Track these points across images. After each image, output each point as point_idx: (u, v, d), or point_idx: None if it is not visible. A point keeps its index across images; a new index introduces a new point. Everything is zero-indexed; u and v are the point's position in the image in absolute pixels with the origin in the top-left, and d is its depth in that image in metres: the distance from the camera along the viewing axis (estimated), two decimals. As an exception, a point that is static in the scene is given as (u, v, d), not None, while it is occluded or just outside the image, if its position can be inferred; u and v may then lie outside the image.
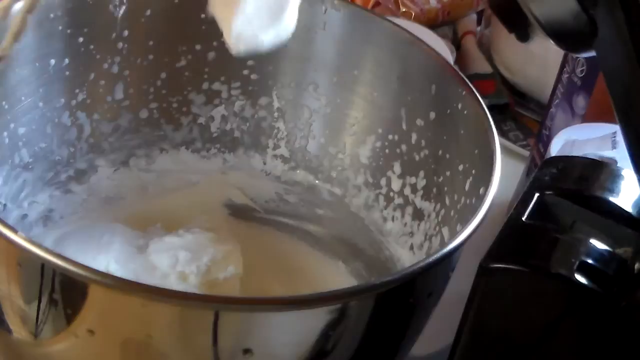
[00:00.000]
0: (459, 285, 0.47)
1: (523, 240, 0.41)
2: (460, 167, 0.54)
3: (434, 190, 0.57)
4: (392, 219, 0.61)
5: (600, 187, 0.43)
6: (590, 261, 0.39)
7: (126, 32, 0.59)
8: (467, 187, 0.53)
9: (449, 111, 0.56)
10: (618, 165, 0.55)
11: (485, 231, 0.45)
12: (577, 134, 0.64)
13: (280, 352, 0.43)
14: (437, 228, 0.56)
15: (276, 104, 0.64)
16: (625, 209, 0.42)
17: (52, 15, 0.55)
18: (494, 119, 0.52)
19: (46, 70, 0.56)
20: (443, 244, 0.48)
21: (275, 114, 0.65)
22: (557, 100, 0.71)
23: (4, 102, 0.54)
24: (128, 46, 0.59)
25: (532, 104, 0.86)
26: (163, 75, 0.62)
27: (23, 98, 0.55)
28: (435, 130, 0.57)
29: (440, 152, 0.57)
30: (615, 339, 0.40)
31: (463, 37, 0.92)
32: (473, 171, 0.53)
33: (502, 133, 0.82)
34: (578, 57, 0.67)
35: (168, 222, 0.63)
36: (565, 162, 0.46)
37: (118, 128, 0.62)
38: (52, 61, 0.56)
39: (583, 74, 0.67)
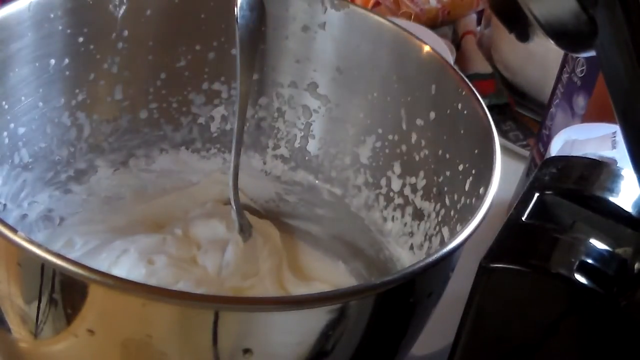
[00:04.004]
0: (459, 285, 0.47)
1: (523, 240, 0.41)
2: (460, 167, 0.54)
3: (434, 190, 0.57)
4: (392, 219, 0.61)
5: (600, 187, 0.43)
6: (590, 261, 0.39)
7: (126, 32, 0.59)
8: (467, 187, 0.53)
9: (449, 111, 0.56)
10: (618, 165, 0.55)
11: (485, 231, 0.45)
12: (577, 134, 0.64)
13: (280, 352, 0.43)
14: (437, 228, 0.56)
15: (276, 104, 0.64)
16: (625, 209, 0.42)
17: (52, 15, 0.55)
18: (494, 119, 0.52)
19: (46, 70, 0.56)
20: (443, 244, 0.48)
21: (275, 114, 0.65)
22: (557, 100, 0.71)
23: (4, 102, 0.54)
24: (128, 46, 0.59)
25: (532, 104, 0.86)
26: (163, 75, 0.62)
27: (23, 98, 0.55)
28: (435, 130, 0.57)
29: (440, 152, 0.57)
30: (615, 339, 0.40)
31: (463, 37, 0.92)
32: (473, 171, 0.53)
33: (502, 133, 0.82)
34: (578, 57, 0.67)
35: (168, 222, 0.63)
36: (565, 162, 0.46)
37: (118, 128, 0.62)
38: (52, 61, 0.56)
39: (583, 74, 0.67)
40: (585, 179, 0.44)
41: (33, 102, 0.56)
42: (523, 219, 0.42)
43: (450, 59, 0.79)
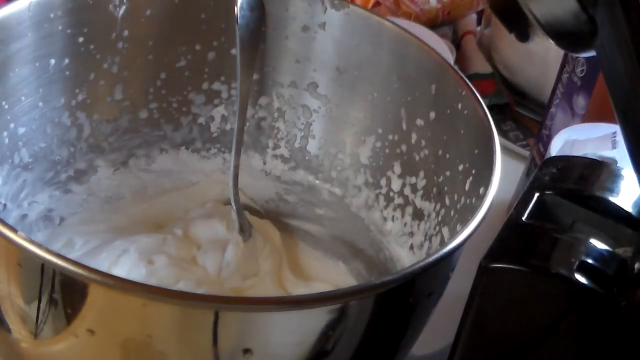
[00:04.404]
0: (459, 285, 0.47)
1: (523, 240, 0.41)
2: (460, 167, 0.54)
3: (434, 190, 0.57)
4: (392, 219, 0.61)
5: (600, 187, 0.43)
6: (590, 261, 0.39)
7: (126, 32, 0.59)
8: (467, 187, 0.53)
9: (449, 111, 0.56)
10: (618, 165, 0.55)
11: (485, 231, 0.45)
12: (577, 134, 0.64)
13: (280, 352, 0.43)
14: (437, 228, 0.56)
15: (276, 104, 0.64)
16: (625, 209, 0.42)
17: (52, 15, 0.55)
18: (494, 119, 0.52)
19: (46, 70, 0.56)
20: (443, 244, 0.48)
21: (275, 114, 0.65)
22: (557, 100, 0.71)
23: (4, 102, 0.54)
24: (128, 46, 0.59)
25: (532, 104, 0.86)
26: (163, 75, 0.62)
27: (23, 98, 0.55)
28: (435, 130, 0.57)
29: (440, 152, 0.57)
30: (615, 339, 0.40)
31: (463, 37, 0.92)
32: (473, 171, 0.53)
33: (502, 133, 0.82)
34: (578, 57, 0.67)
35: (168, 222, 0.63)
36: (565, 162, 0.46)
37: (118, 128, 0.62)
38: (52, 61, 0.56)
39: (583, 74, 0.67)
40: (585, 179, 0.44)
41: (33, 102, 0.56)
42: (523, 219, 0.42)
43: (450, 59, 0.79)
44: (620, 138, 0.59)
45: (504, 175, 0.49)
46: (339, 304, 0.41)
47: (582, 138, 0.63)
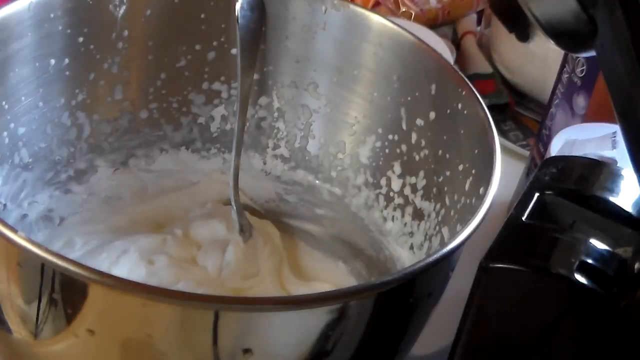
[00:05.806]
0: (459, 285, 0.47)
1: (523, 240, 0.41)
2: (460, 167, 0.54)
3: (434, 190, 0.57)
4: (392, 219, 0.61)
5: (600, 187, 0.43)
6: (590, 261, 0.39)
7: (126, 32, 0.59)
8: (467, 187, 0.53)
9: (449, 111, 0.56)
10: (618, 165, 0.55)
11: (485, 231, 0.45)
12: (577, 134, 0.64)
13: (280, 352, 0.43)
14: (437, 228, 0.56)
15: (276, 104, 0.64)
16: (625, 209, 0.42)
17: (52, 15, 0.55)
18: (494, 119, 0.52)
19: (46, 70, 0.56)
20: (443, 244, 0.48)
21: (275, 114, 0.65)
22: (557, 100, 0.71)
23: (4, 102, 0.54)
24: (128, 46, 0.59)
25: (532, 104, 0.86)
26: (163, 75, 0.62)
27: (23, 98, 0.55)
28: (435, 130, 0.57)
29: (440, 152, 0.57)
30: (615, 339, 0.40)
31: (463, 37, 0.92)
32: (473, 171, 0.53)
33: (502, 133, 0.82)
34: (578, 57, 0.67)
35: (168, 222, 0.63)
36: (565, 162, 0.46)
37: (118, 128, 0.62)
38: (52, 61, 0.56)
39: (583, 74, 0.67)
40: (585, 179, 0.44)
41: (33, 102, 0.56)
42: (523, 219, 0.42)
43: (450, 59, 0.79)
44: (620, 138, 0.59)
45: (504, 175, 0.49)
46: (339, 304, 0.41)
47: (582, 138, 0.63)
